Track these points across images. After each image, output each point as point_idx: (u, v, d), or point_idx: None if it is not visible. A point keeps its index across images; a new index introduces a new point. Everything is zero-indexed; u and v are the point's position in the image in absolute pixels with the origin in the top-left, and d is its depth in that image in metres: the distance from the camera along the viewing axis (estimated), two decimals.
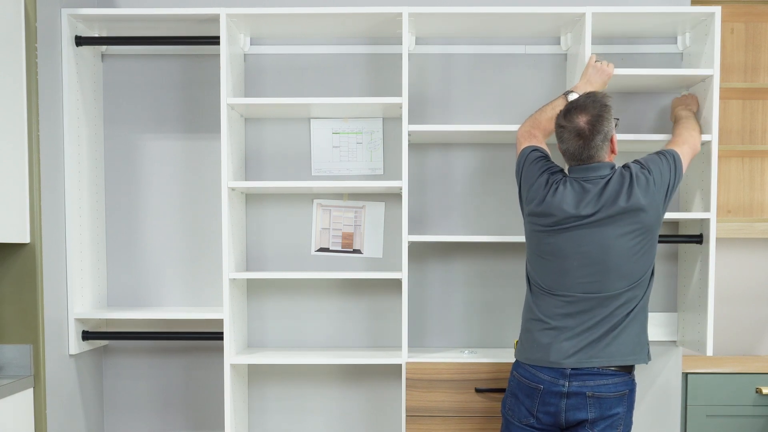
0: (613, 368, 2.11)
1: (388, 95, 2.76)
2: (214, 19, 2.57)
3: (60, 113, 2.55)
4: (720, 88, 2.74)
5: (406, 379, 2.56)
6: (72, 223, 2.60)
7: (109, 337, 2.76)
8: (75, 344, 2.62)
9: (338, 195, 2.86)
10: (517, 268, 2.85)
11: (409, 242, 2.63)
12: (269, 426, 2.90)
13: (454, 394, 2.51)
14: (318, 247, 2.87)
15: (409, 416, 2.55)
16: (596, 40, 2.70)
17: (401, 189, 2.58)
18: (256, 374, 2.89)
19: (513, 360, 2.55)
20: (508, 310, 2.87)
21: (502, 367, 2.52)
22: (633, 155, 2.83)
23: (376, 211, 2.85)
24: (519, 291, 2.86)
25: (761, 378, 2.91)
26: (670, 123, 2.82)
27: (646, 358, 2.18)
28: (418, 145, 2.82)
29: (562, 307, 2.14)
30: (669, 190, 2.15)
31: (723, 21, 2.94)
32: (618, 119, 2.20)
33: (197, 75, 2.83)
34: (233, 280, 2.64)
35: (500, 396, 2.50)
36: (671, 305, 2.87)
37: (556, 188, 2.15)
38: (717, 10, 2.53)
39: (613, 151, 2.17)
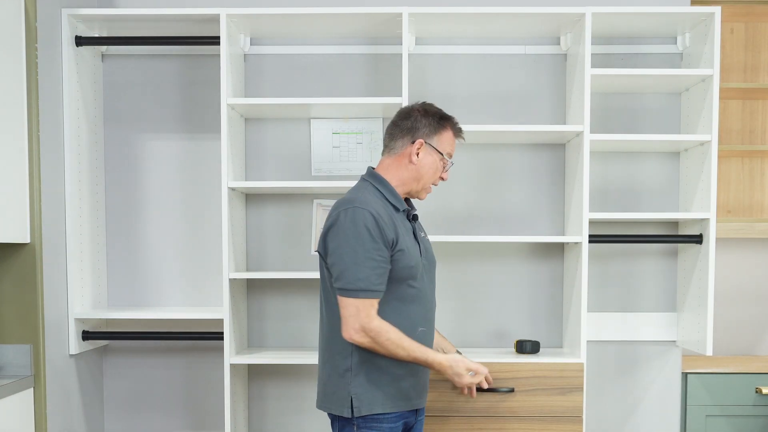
0: None
1: (388, 95, 2.76)
2: (214, 19, 2.57)
3: (60, 113, 2.55)
4: (720, 88, 2.74)
5: None
6: (72, 223, 2.60)
7: (109, 337, 2.76)
8: (75, 344, 2.62)
9: (338, 195, 2.84)
10: (516, 268, 2.85)
11: None
12: (269, 426, 2.90)
13: (453, 393, 2.51)
14: (318, 247, 2.86)
15: None
16: (596, 40, 2.70)
17: None
18: (256, 374, 2.89)
19: (513, 360, 2.56)
20: (506, 310, 2.87)
21: (502, 367, 2.52)
22: (633, 155, 2.84)
23: None
24: (517, 291, 2.86)
25: (761, 378, 2.91)
26: (669, 123, 2.83)
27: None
28: None
29: None
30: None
31: (723, 21, 2.93)
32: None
33: (197, 75, 2.83)
34: (233, 280, 2.64)
35: (500, 396, 2.50)
36: (671, 305, 2.87)
37: None
38: (717, 10, 2.53)
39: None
